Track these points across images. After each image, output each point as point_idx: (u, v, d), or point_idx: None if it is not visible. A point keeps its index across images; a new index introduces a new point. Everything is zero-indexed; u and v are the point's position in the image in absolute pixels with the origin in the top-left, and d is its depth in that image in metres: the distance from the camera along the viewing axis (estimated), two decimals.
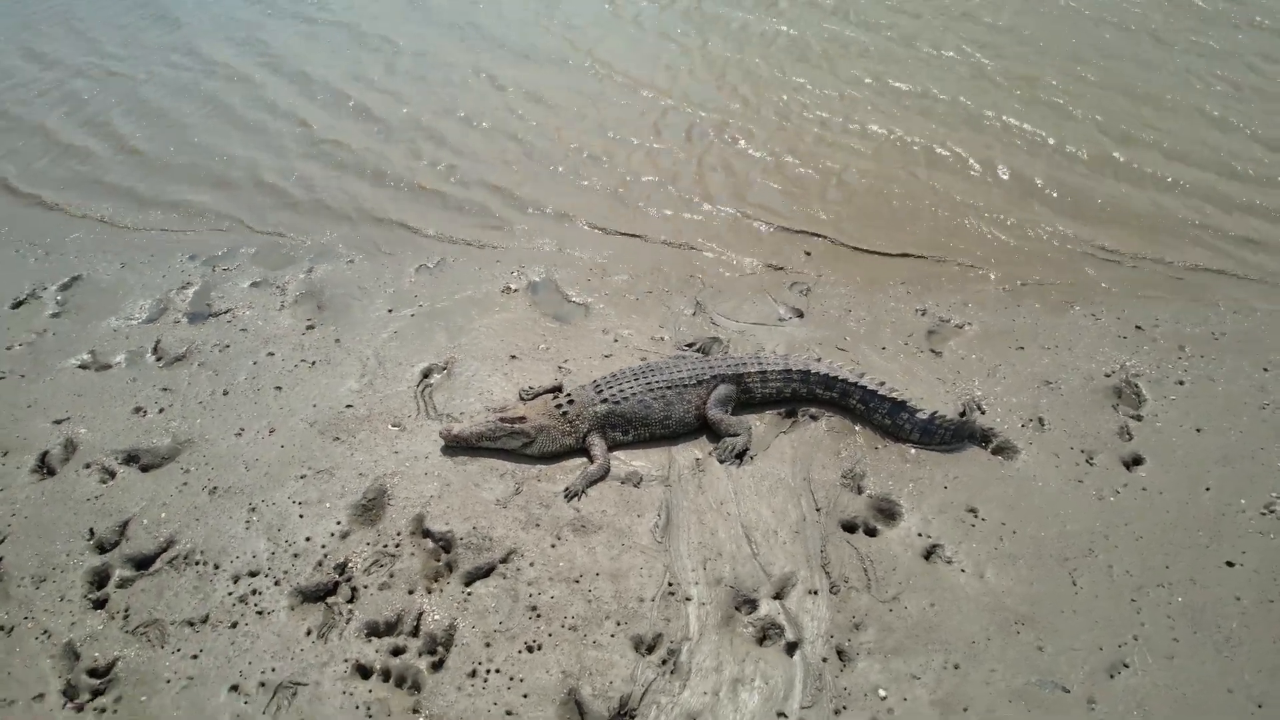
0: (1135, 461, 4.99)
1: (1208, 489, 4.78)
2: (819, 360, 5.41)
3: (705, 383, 5.17)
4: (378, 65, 10.51)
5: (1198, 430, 5.20)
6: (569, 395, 5.04)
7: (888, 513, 4.65)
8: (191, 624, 3.98)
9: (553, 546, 4.38)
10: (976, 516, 4.60)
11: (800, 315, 6.34)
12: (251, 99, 9.80)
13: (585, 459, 4.95)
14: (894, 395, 5.10)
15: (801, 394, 5.35)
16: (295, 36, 11.29)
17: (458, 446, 4.94)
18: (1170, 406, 5.41)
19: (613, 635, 3.96)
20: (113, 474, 4.83)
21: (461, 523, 4.49)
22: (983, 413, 5.31)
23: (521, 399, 5.34)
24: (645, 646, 3.92)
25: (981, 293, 6.58)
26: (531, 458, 4.95)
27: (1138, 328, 6.15)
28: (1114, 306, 6.39)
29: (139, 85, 10.18)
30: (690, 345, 5.96)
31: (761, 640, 3.98)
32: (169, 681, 3.75)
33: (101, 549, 4.38)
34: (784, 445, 5.09)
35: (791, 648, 3.93)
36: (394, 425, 5.18)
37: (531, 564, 4.29)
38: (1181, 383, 5.61)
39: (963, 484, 4.81)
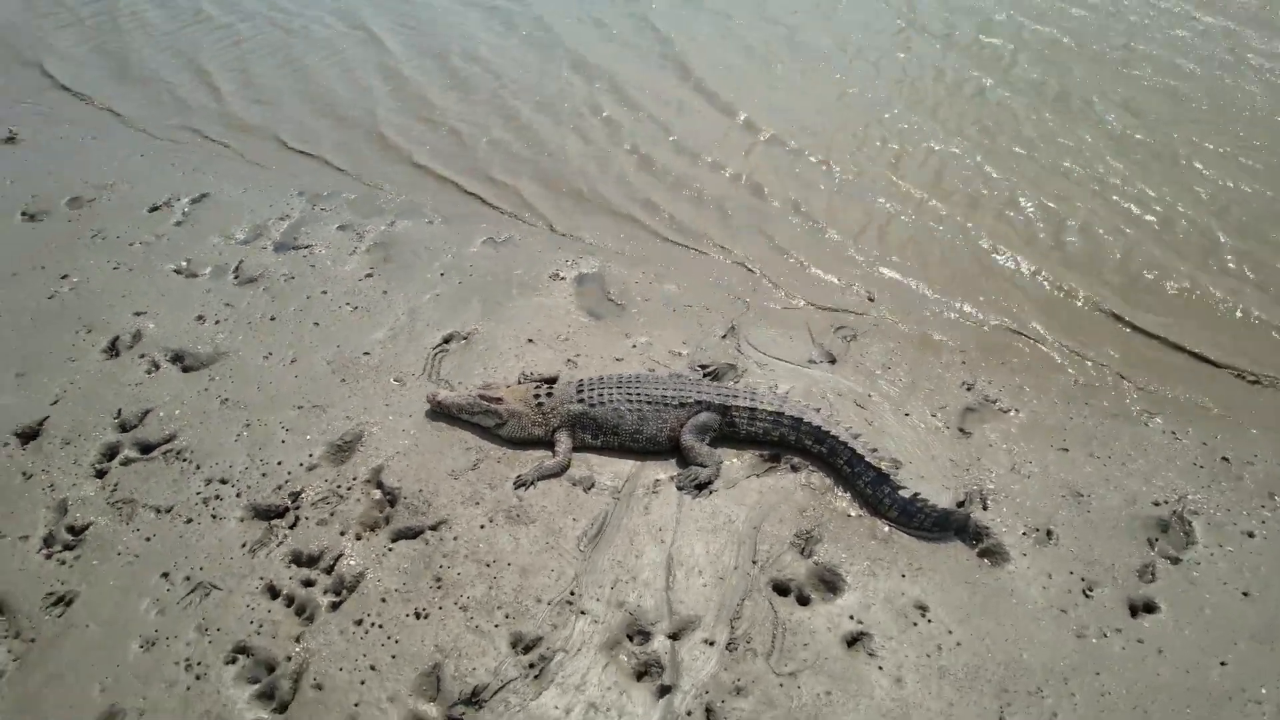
0: (1146, 608, 4.30)
1: (1224, 664, 4.03)
2: (817, 411, 5.10)
3: (687, 406, 5.04)
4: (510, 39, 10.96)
5: (1244, 594, 4.38)
6: (549, 388, 5.12)
7: (829, 585, 4.33)
8: (157, 510, 4.50)
9: (481, 527, 4.49)
10: (924, 616, 4.17)
11: (832, 361, 5.99)
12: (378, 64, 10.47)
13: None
14: (881, 466, 4.72)
15: (790, 441, 5.07)
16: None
17: (440, 413, 5.17)
18: (1223, 558, 4.59)
19: (497, 626, 4.01)
20: (158, 367, 5.52)
21: (412, 483, 4.71)
22: (985, 508, 4.79)
23: (520, 381, 5.48)
24: (522, 646, 3.94)
25: (1045, 381, 5.87)
26: (502, 439, 5.08)
27: (1224, 459, 5.24)
28: (1206, 430, 5.48)
29: (290, 38, 11.10)
30: (704, 367, 5.81)
31: (640, 675, 3.88)
32: (120, 554, 4.27)
33: (123, 429, 5.04)
34: (750, 488, 4.86)
35: (664, 691, 3.79)
36: (396, 380, 5.51)
37: (455, 537, 4.43)
38: (1251, 535, 4.73)
39: (925, 577, 4.37)
